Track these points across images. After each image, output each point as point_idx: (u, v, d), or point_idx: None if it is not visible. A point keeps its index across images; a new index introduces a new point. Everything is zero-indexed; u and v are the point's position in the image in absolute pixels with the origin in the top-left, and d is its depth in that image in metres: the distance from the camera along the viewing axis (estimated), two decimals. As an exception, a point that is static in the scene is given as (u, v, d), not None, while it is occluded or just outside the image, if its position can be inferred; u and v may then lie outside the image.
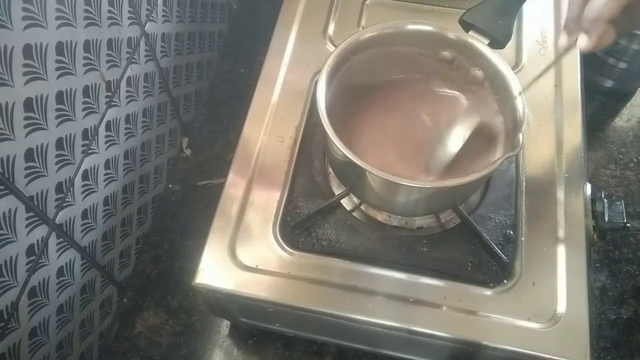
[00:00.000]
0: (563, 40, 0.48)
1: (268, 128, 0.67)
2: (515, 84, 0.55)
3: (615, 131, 0.90)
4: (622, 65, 0.88)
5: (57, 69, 0.52)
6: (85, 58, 0.56)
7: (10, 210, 0.48)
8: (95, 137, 0.61)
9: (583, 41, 0.45)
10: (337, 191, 0.64)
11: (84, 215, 0.61)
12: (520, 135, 0.52)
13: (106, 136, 0.63)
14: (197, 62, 0.88)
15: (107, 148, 0.64)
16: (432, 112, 0.63)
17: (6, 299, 0.50)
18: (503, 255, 0.58)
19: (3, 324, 0.51)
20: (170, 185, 0.85)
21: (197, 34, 0.87)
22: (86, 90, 0.58)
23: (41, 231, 0.54)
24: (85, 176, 0.60)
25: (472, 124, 0.59)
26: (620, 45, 0.86)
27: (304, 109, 0.69)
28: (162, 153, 0.81)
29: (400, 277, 0.58)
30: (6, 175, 0.47)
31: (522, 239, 0.59)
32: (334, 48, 0.61)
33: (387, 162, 0.59)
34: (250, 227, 0.61)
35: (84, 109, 0.58)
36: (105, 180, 0.65)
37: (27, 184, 0.50)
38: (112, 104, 0.64)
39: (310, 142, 0.67)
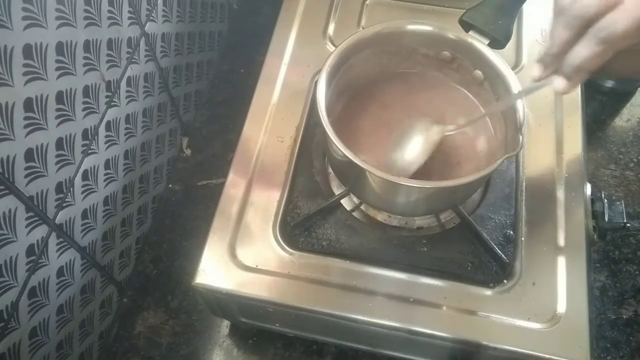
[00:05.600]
0: (537, 70, 0.48)
1: (268, 128, 0.67)
2: (515, 84, 0.55)
3: (615, 131, 0.90)
4: (623, 65, 0.88)
5: (57, 69, 0.52)
6: (85, 58, 0.56)
7: (10, 210, 0.48)
8: (95, 137, 0.61)
9: (561, 84, 0.45)
10: (337, 191, 0.64)
11: (84, 215, 0.61)
12: (520, 135, 0.52)
13: (106, 136, 0.63)
14: (197, 62, 0.88)
15: (107, 148, 0.64)
16: (432, 112, 0.63)
17: (6, 299, 0.50)
18: (503, 256, 0.58)
19: (3, 324, 0.51)
20: (170, 185, 0.85)
21: (197, 34, 0.87)
22: (86, 90, 0.58)
23: (41, 231, 0.54)
24: (85, 176, 0.60)
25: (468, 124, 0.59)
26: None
27: (304, 109, 0.69)
28: (162, 153, 0.81)
29: (400, 277, 0.58)
30: (6, 175, 0.47)
31: (522, 239, 0.59)
32: (334, 48, 0.61)
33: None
34: (250, 227, 0.61)
35: (84, 109, 0.58)
36: (105, 180, 0.65)
37: (27, 184, 0.50)
38: (112, 104, 0.64)
39: (310, 142, 0.67)
